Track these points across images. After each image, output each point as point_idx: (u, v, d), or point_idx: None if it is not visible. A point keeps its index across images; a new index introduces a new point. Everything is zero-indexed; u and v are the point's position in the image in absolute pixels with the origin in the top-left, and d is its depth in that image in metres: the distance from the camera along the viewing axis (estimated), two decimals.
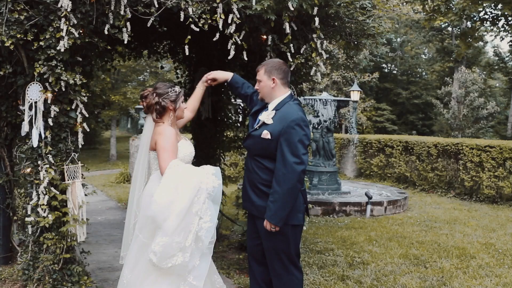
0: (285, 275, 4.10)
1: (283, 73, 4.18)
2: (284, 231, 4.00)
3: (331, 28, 5.79)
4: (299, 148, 3.86)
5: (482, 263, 6.91)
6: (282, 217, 3.92)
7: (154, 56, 8.24)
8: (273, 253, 4.10)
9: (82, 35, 4.83)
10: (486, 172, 12.63)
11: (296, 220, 4.05)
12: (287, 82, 4.22)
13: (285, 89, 4.20)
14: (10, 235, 6.14)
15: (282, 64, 4.23)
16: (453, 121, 30.50)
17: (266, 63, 4.26)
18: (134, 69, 25.96)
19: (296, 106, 4.10)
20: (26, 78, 5.08)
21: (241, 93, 4.75)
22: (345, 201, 10.67)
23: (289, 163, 3.83)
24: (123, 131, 47.59)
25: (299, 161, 3.84)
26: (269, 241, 4.08)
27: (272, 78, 4.13)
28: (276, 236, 4.01)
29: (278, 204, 3.88)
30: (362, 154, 17.63)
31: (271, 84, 4.14)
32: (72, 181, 5.12)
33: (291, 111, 4.00)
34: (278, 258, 4.09)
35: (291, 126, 3.90)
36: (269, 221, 3.92)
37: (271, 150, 3.99)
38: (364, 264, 6.68)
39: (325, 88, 26.81)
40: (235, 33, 4.98)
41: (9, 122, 5.83)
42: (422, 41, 41.29)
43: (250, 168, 4.20)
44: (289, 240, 4.05)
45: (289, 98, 4.15)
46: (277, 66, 4.19)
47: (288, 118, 3.94)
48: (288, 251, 4.07)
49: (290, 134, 3.89)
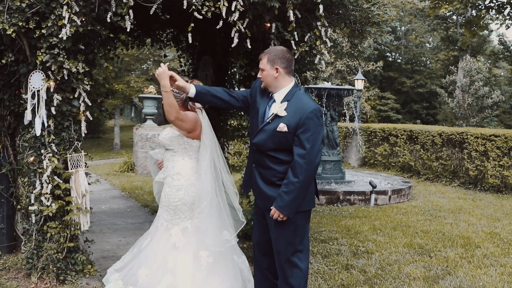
0: (289, 267, 4.03)
1: (287, 62, 4.05)
2: (294, 219, 3.94)
3: (336, 16, 5.74)
4: (317, 139, 3.82)
5: (487, 252, 6.88)
6: (294, 208, 3.88)
7: (157, 44, 8.21)
8: (279, 244, 4.04)
9: (84, 23, 4.80)
10: (491, 161, 12.58)
11: (306, 206, 4.02)
12: (291, 71, 4.11)
13: (289, 78, 4.08)
14: (14, 224, 6.15)
15: (285, 52, 4.10)
16: (457, 110, 30.39)
17: (269, 51, 4.11)
18: (137, 58, 25.90)
19: (306, 96, 4.02)
20: (28, 66, 5.07)
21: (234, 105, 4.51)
22: (349, 190, 10.64)
23: (308, 154, 3.78)
24: (126, 120, 47.56)
25: (317, 152, 3.81)
26: (277, 231, 4.01)
27: (275, 68, 4.01)
28: (285, 225, 3.95)
29: (293, 195, 3.83)
30: (366, 143, 17.58)
31: (274, 74, 4.02)
32: (75, 170, 5.11)
33: (306, 101, 3.92)
34: (284, 249, 4.03)
35: (310, 117, 3.82)
36: (280, 211, 3.86)
37: (289, 143, 3.89)
38: (368, 253, 6.66)
39: (329, 77, 26.72)
40: (238, 20, 4.94)
41: (12, 110, 5.81)
42: (426, 29, 41.01)
43: (263, 164, 4.06)
44: (297, 229, 3.99)
45: (296, 87, 4.06)
46: (280, 54, 4.05)
47: (305, 109, 3.84)
48: (294, 242, 4.00)
49: (309, 125, 3.80)
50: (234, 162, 15.80)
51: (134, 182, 13.25)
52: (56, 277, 5.10)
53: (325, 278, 5.61)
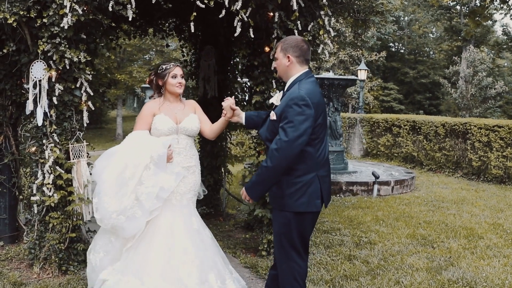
0: (286, 261, 3.94)
1: (300, 51, 3.94)
2: (286, 217, 3.84)
3: (339, 5, 5.70)
4: (296, 128, 3.65)
5: (490, 243, 6.86)
6: (259, 193, 3.83)
7: (159, 34, 8.17)
8: (276, 237, 4.01)
9: (86, 12, 4.76)
10: (494, 152, 12.53)
11: (300, 207, 3.80)
12: (304, 60, 3.98)
13: (302, 67, 3.96)
14: (16, 214, 6.15)
15: (300, 41, 3.99)
16: (460, 100, 30.34)
17: (284, 40, 4.03)
18: (140, 48, 25.85)
19: (306, 84, 3.87)
20: (30, 56, 5.04)
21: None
22: (352, 181, 10.62)
23: (281, 142, 3.65)
24: (129, 110, 47.58)
25: (293, 141, 3.64)
26: (274, 225, 3.98)
27: (287, 56, 3.92)
28: (279, 220, 3.90)
29: (259, 179, 3.77)
30: (369, 133, 17.54)
31: (286, 63, 3.93)
32: (77, 160, 5.10)
33: (295, 90, 3.80)
34: (280, 243, 3.96)
35: (289, 105, 3.70)
36: (246, 191, 3.85)
37: (277, 132, 3.81)
38: (371, 244, 6.65)
39: (332, 67, 26.66)
40: (241, 9, 4.89)
41: (14, 100, 5.80)
42: (430, 19, 40.83)
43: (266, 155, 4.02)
44: (291, 227, 3.86)
45: (304, 76, 3.93)
46: (293, 43, 3.95)
47: (289, 97, 3.76)
48: (290, 237, 3.88)
49: (287, 113, 3.69)
50: (236, 152, 15.80)
51: None
52: (58, 267, 5.11)
53: (327, 269, 5.60)
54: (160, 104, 4.46)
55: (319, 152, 3.83)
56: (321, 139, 3.85)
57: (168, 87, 4.45)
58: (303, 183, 3.78)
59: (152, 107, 4.44)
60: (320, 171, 3.85)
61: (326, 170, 3.94)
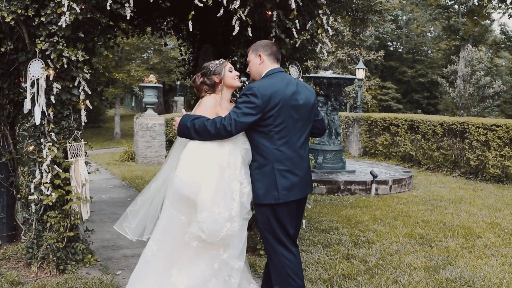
0: (273, 256, 3.97)
1: (270, 50, 4.02)
2: (264, 212, 3.90)
3: (337, 4, 5.70)
4: (234, 113, 3.76)
5: (488, 242, 6.87)
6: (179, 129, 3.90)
7: (157, 33, 8.17)
8: (262, 234, 4.02)
9: (84, 11, 4.75)
10: (492, 151, 12.55)
11: (272, 199, 3.85)
12: (275, 58, 4.04)
13: (273, 65, 4.03)
14: (14, 213, 6.13)
15: (270, 43, 4.12)
16: (458, 99, 30.37)
17: (254, 44, 4.13)
18: (138, 47, 25.81)
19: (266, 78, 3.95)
20: (27, 54, 5.03)
21: None
22: (350, 180, 10.62)
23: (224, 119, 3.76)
24: (127, 109, 47.51)
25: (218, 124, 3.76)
26: (258, 222, 4.03)
27: (259, 55, 4.00)
28: (259, 217, 3.97)
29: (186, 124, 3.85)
30: (367, 132, 17.55)
31: (258, 61, 4.01)
32: (75, 159, 5.09)
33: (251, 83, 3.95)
34: (265, 238, 3.98)
35: (240, 96, 3.86)
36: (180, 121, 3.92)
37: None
38: (369, 243, 6.66)
39: (330, 66, 26.65)
40: (239, 8, 4.89)
41: (12, 99, 5.78)
42: (428, 18, 40.90)
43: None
44: (269, 220, 3.91)
45: (272, 72, 3.98)
46: (264, 44, 4.07)
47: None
48: (273, 231, 3.92)
49: (238, 101, 3.86)
50: None
51: (135, 171, 13.25)
52: (56, 266, 5.09)
53: (325, 268, 5.60)
54: (219, 101, 4.16)
55: (277, 147, 3.86)
56: (287, 140, 3.89)
57: (228, 81, 4.15)
58: (261, 174, 3.89)
59: (215, 103, 4.08)
60: (278, 164, 3.87)
61: (289, 165, 3.91)
